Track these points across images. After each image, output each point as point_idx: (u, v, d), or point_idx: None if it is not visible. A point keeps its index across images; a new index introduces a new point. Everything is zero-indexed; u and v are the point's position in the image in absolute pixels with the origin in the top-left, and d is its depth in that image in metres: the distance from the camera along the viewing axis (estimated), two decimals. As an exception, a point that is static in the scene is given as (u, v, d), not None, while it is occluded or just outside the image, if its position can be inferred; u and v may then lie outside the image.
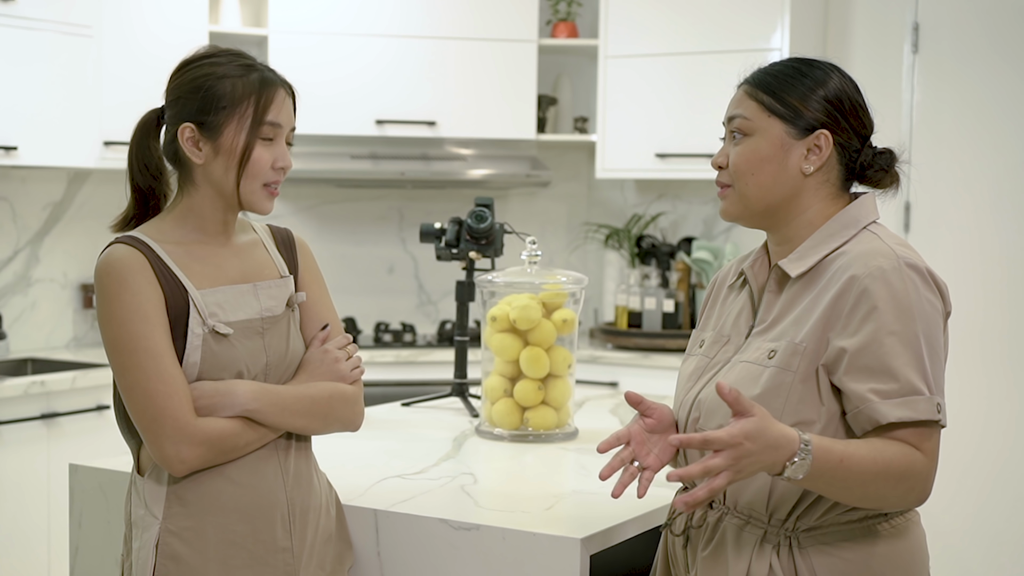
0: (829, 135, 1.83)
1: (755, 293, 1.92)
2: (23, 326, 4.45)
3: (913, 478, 1.70)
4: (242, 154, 1.87)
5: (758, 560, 1.78)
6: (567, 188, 5.41)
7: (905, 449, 1.70)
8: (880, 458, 1.68)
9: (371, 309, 5.19)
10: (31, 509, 3.83)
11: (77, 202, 4.61)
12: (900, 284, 1.73)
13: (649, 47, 4.79)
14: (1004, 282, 4.42)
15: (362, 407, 2.05)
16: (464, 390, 3.11)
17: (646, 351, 4.74)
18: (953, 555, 4.38)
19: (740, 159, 1.85)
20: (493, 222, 3.04)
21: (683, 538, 1.91)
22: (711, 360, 1.92)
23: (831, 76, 1.86)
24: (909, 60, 4.57)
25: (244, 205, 1.93)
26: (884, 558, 1.78)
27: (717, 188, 1.92)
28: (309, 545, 1.96)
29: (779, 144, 1.83)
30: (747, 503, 1.81)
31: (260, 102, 1.88)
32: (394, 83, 4.83)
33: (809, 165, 1.84)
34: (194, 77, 1.89)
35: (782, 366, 1.77)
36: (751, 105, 1.85)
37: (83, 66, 4.18)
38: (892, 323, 1.71)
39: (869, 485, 1.68)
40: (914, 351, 1.71)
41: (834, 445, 1.67)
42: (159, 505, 1.88)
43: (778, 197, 1.85)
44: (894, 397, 1.69)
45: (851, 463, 1.66)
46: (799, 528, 1.78)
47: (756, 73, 1.89)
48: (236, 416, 1.86)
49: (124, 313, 1.82)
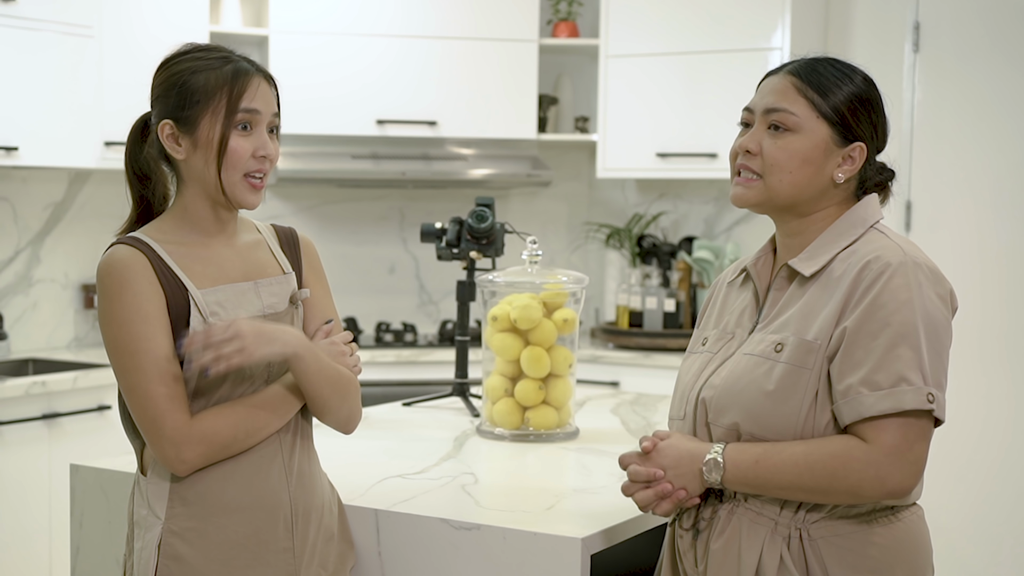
0: (864, 148, 1.86)
1: (759, 290, 1.93)
2: (24, 326, 4.45)
3: (854, 473, 1.71)
4: (219, 145, 1.87)
5: (769, 552, 1.80)
6: (568, 188, 5.41)
7: (847, 444, 1.73)
8: (807, 458, 1.73)
9: (372, 309, 5.20)
10: (32, 509, 3.83)
11: (78, 202, 4.61)
12: (904, 280, 1.75)
13: (650, 46, 4.79)
14: (1005, 281, 4.42)
15: (361, 407, 2.04)
16: (465, 390, 3.11)
17: (647, 351, 4.74)
18: (953, 551, 4.38)
19: (781, 154, 1.85)
20: (494, 222, 3.04)
21: (692, 532, 1.91)
22: (714, 355, 1.93)
23: (872, 87, 1.88)
24: (910, 59, 4.57)
25: (229, 198, 1.91)
26: (889, 550, 1.80)
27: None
28: (311, 545, 1.97)
29: (822, 148, 1.85)
30: (758, 497, 1.83)
31: (233, 91, 1.88)
32: (395, 83, 4.83)
33: (842, 174, 1.86)
34: (170, 75, 1.90)
35: (797, 364, 1.79)
36: (800, 102, 1.85)
37: (84, 66, 4.18)
38: (891, 315, 1.73)
39: (797, 482, 1.74)
40: (910, 343, 1.72)
41: (752, 448, 1.78)
42: (161, 505, 1.88)
43: (805, 197, 1.87)
44: (883, 388, 1.71)
45: (768, 463, 1.76)
46: (808, 520, 1.80)
47: (803, 67, 1.88)
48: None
49: (125, 314, 1.82)
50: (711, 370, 1.91)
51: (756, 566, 1.80)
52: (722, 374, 1.88)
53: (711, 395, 1.87)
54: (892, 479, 1.71)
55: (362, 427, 2.85)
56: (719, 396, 1.85)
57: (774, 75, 1.91)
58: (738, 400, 1.82)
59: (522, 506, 2.12)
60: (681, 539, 1.94)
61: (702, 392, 1.89)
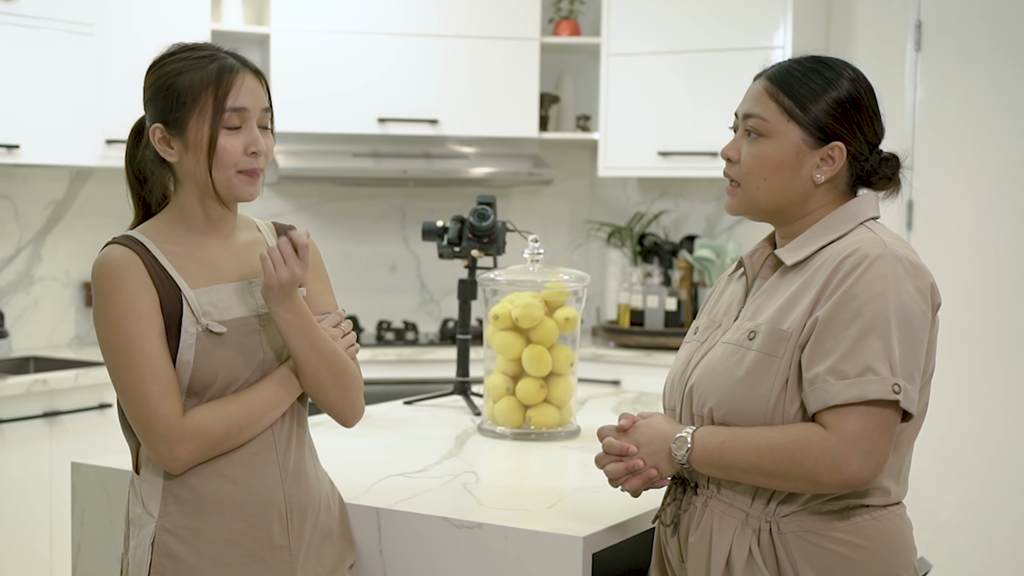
0: (844, 147, 1.84)
1: (749, 280, 1.94)
2: (25, 324, 4.45)
3: (810, 458, 1.71)
4: (208, 145, 1.87)
5: (738, 545, 1.81)
6: (569, 186, 5.41)
7: (808, 430, 1.73)
8: (768, 441, 1.75)
9: (373, 307, 5.19)
10: (33, 507, 3.83)
11: (79, 200, 4.61)
12: (880, 271, 1.75)
13: (651, 45, 4.79)
14: (1006, 280, 4.42)
15: (363, 400, 2.03)
16: (466, 388, 3.11)
17: (648, 349, 4.74)
18: (953, 550, 4.38)
19: (754, 162, 1.86)
20: (495, 220, 3.03)
21: (672, 527, 1.92)
22: (701, 344, 1.95)
23: (852, 83, 1.86)
24: (912, 58, 4.56)
25: (223, 195, 1.90)
26: (861, 548, 1.79)
27: (726, 181, 1.92)
28: (307, 543, 1.96)
29: (794, 152, 1.84)
30: (730, 487, 1.84)
31: (219, 91, 1.87)
32: (396, 81, 4.83)
33: (821, 175, 1.85)
34: (158, 77, 1.91)
35: (767, 352, 1.79)
36: (770, 106, 1.85)
37: (85, 64, 4.18)
38: (863, 306, 1.73)
39: (758, 464, 1.75)
40: (880, 334, 1.71)
41: (721, 431, 1.80)
42: (155, 503, 1.88)
43: (787, 201, 1.87)
44: (849, 378, 1.71)
45: (733, 444, 1.78)
46: (779, 514, 1.80)
47: (777, 70, 1.88)
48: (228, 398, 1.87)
49: (118, 313, 1.83)
50: (697, 360, 1.92)
51: (726, 558, 1.81)
52: (703, 363, 1.89)
53: (693, 384, 1.89)
54: (849, 467, 1.70)
55: (363, 426, 2.85)
56: (698, 384, 1.88)
57: (756, 79, 1.91)
58: (712, 387, 1.84)
59: (523, 505, 2.12)
60: (664, 534, 1.96)
61: (689, 381, 1.90)
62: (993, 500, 4.41)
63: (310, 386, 1.94)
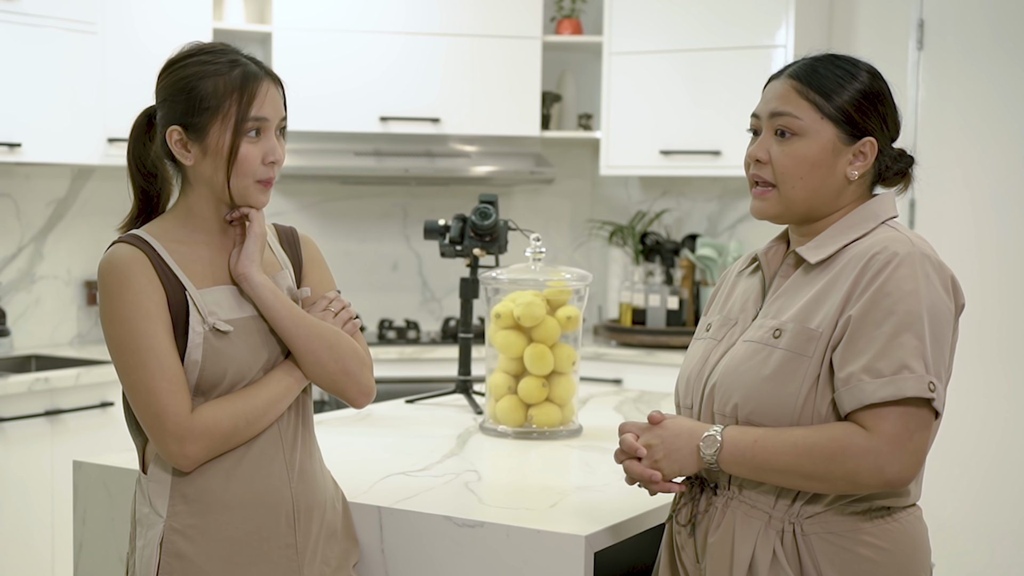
0: (875, 142, 1.85)
1: (767, 278, 1.93)
2: (27, 323, 4.45)
3: (852, 459, 1.70)
4: (229, 153, 1.86)
5: (762, 546, 1.80)
6: (571, 185, 5.41)
7: (847, 430, 1.71)
8: (805, 441, 1.73)
9: (375, 306, 5.19)
10: (35, 506, 3.83)
11: (81, 199, 4.61)
12: (911, 270, 1.74)
13: (653, 44, 4.78)
14: (1007, 279, 4.41)
15: (371, 374, 2.00)
16: (468, 387, 3.11)
17: (650, 348, 4.74)
18: (953, 550, 4.38)
19: (790, 161, 1.85)
20: (497, 219, 3.03)
21: (689, 527, 1.91)
22: (718, 342, 1.93)
23: (874, 78, 1.87)
24: (914, 57, 4.56)
25: (237, 202, 1.91)
26: (883, 550, 1.79)
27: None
28: (313, 541, 1.96)
29: (830, 149, 1.84)
30: (753, 488, 1.82)
31: (243, 99, 1.86)
32: (398, 80, 4.83)
33: (854, 171, 1.86)
34: (178, 79, 1.88)
35: (796, 351, 1.79)
36: (802, 104, 1.84)
37: (87, 63, 4.18)
38: (895, 304, 1.72)
39: (794, 464, 1.73)
40: (914, 332, 1.71)
41: (752, 430, 1.77)
42: (163, 503, 1.88)
43: (820, 200, 1.86)
44: (884, 376, 1.70)
45: (767, 444, 1.75)
46: (803, 515, 1.80)
47: (802, 68, 1.87)
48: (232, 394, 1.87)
49: (126, 312, 1.83)
50: (716, 358, 1.91)
51: (749, 560, 1.80)
52: (724, 361, 1.88)
53: (715, 382, 1.87)
54: (891, 468, 1.70)
55: (365, 424, 2.85)
56: (720, 382, 1.86)
57: (776, 79, 1.90)
58: (737, 386, 1.83)
59: (525, 503, 2.12)
60: (679, 534, 1.94)
61: (709, 380, 1.89)
62: (993, 500, 4.41)
63: (309, 367, 1.93)
